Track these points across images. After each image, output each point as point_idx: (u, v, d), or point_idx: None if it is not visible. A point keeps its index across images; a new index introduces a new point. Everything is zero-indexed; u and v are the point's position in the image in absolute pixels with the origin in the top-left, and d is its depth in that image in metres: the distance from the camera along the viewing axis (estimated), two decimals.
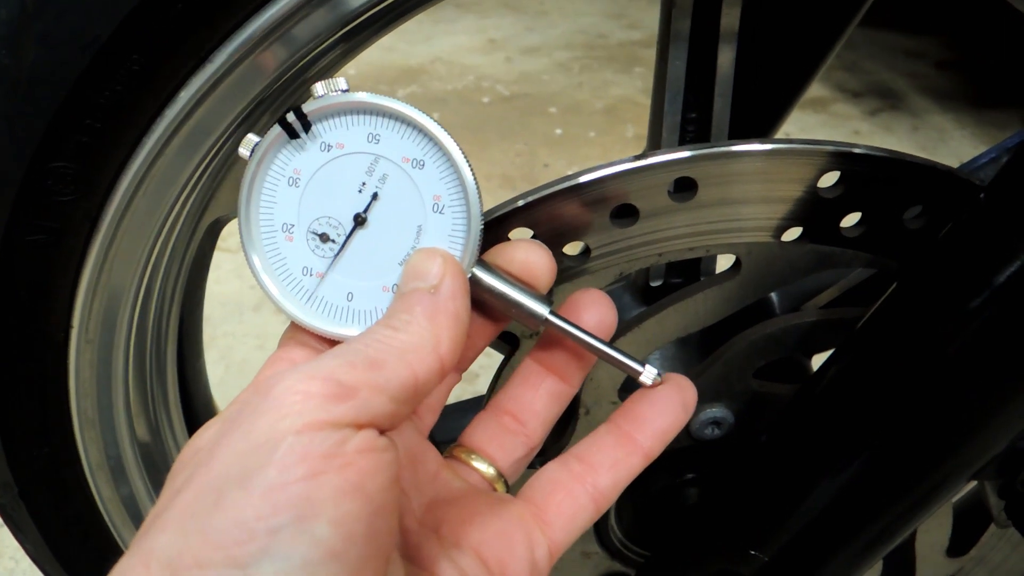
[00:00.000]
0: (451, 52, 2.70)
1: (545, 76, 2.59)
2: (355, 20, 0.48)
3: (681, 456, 0.61)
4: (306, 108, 0.42)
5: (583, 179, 0.48)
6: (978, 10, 2.61)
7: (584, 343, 0.44)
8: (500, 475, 0.47)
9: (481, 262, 0.43)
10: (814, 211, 0.50)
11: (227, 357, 1.53)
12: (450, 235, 0.42)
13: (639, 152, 0.48)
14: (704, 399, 0.58)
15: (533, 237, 0.49)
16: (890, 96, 2.49)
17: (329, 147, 0.42)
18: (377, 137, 0.42)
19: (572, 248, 0.52)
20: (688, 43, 0.55)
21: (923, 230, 0.50)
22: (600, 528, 0.66)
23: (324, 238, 0.43)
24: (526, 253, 0.44)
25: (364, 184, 0.42)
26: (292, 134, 0.42)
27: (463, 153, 0.42)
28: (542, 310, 0.44)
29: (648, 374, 0.44)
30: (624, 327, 0.54)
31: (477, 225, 0.42)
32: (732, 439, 0.60)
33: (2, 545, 1.22)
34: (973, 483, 0.60)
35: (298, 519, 0.32)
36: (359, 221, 0.43)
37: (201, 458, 0.35)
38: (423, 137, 0.42)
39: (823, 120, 2.35)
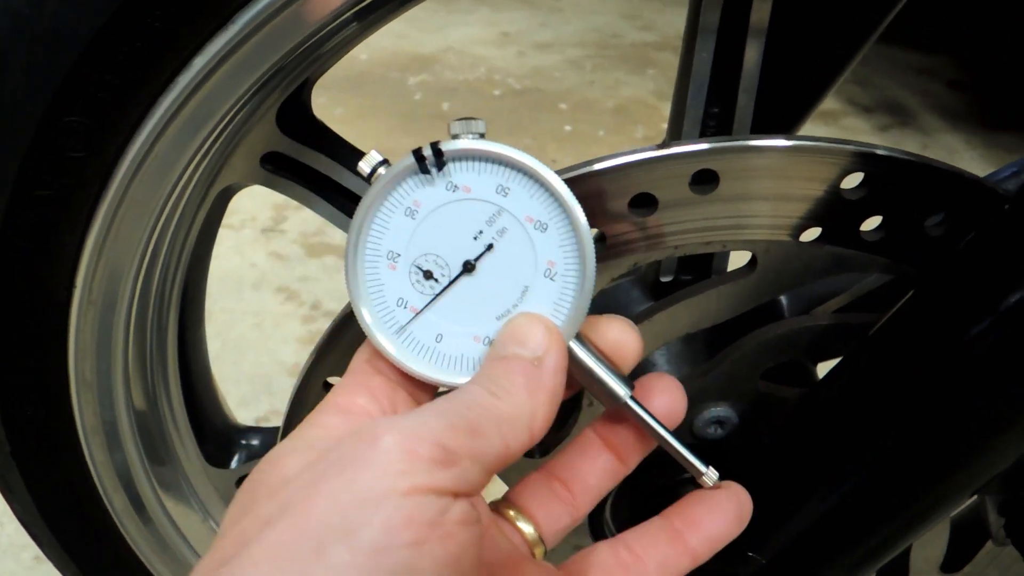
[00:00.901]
0: (464, 43, 2.69)
1: (557, 72, 2.58)
2: None
3: None
4: (444, 147, 0.41)
5: (604, 165, 0.47)
6: (991, 31, 2.61)
7: (654, 432, 0.44)
8: (541, 540, 0.46)
9: (576, 335, 0.43)
10: (834, 212, 0.49)
11: (224, 333, 1.53)
12: (556, 303, 0.42)
13: None
14: (709, 397, 0.58)
15: None
16: (900, 113, 2.49)
17: (456, 188, 0.42)
18: (506, 190, 0.41)
19: None
20: (716, 36, 0.55)
21: (944, 238, 0.50)
22: (595, 523, 0.66)
23: (428, 275, 0.42)
24: (619, 333, 0.44)
25: (481, 232, 0.42)
26: (423, 169, 0.41)
27: (589, 227, 0.41)
28: (623, 393, 0.43)
29: (710, 476, 0.45)
30: (634, 319, 0.53)
31: (587, 300, 0.42)
32: (734, 439, 0.59)
33: None
34: (973, 498, 0.60)
35: None
36: (467, 267, 0.42)
37: (294, 495, 0.34)
38: (553, 201, 0.41)
39: (833, 133, 2.35)
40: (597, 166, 0.47)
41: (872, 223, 0.51)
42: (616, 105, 2.41)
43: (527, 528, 0.46)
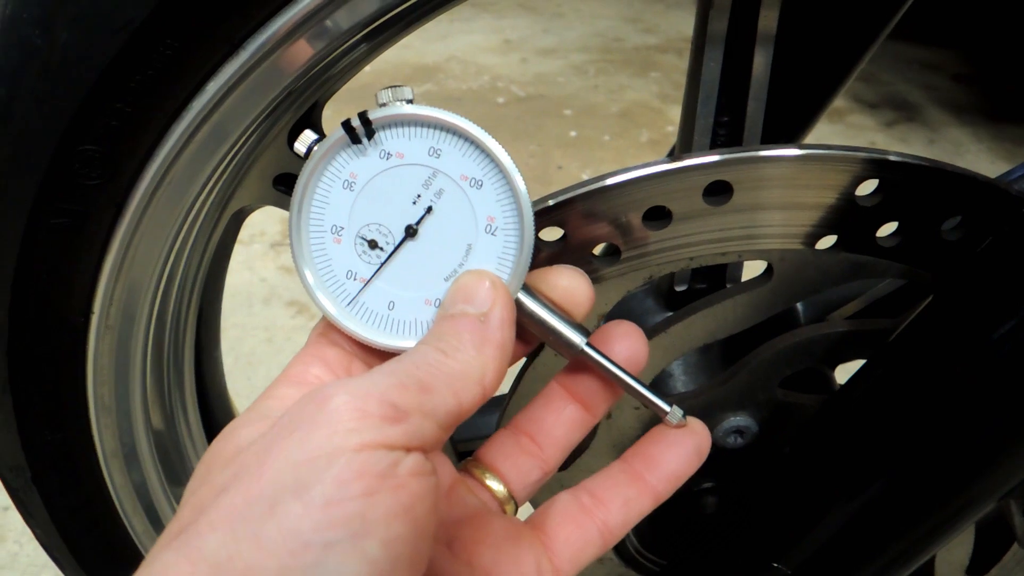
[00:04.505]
0: (467, 51, 2.70)
1: (560, 78, 2.58)
2: (381, 17, 0.48)
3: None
4: (372, 115, 0.42)
5: (616, 180, 0.47)
6: (995, 24, 2.60)
7: (615, 376, 0.44)
8: (511, 496, 0.47)
9: (524, 287, 0.43)
10: (849, 219, 0.49)
11: (236, 348, 1.53)
12: (499, 257, 0.42)
13: (653, 157, 0.48)
14: (728, 407, 0.58)
15: (563, 237, 0.49)
16: (906, 108, 2.48)
17: (389, 155, 0.42)
18: (438, 152, 0.42)
19: (601, 250, 0.51)
20: (724, 45, 0.54)
21: (960, 242, 0.50)
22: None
23: (372, 244, 0.43)
24: (569, 280, 0.44)
25: (419, 196, 0.42)
26: (354, 139, 0.42)
27: (523, 179, 0.41)
28: (579, 340, 0.43)
29: (674, 415, 0.44)
30: (651, 331, 0.53)
31: (528, 251, 0.42)
32: (755, 449, 0.59)
33: (6, 529, 1.22)
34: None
35: (353, 536, 0.32)
36: (410, 232, 0.43)
37: (248, 460, 0.35)
38: (485, 157, 0.42)
39: (839, 131, 2.34)
40: (609, 181, 0.47)
41: (888, 229, 0.50)
42: (620, 109, 2.41)
43: (495, 485, 0.47)
